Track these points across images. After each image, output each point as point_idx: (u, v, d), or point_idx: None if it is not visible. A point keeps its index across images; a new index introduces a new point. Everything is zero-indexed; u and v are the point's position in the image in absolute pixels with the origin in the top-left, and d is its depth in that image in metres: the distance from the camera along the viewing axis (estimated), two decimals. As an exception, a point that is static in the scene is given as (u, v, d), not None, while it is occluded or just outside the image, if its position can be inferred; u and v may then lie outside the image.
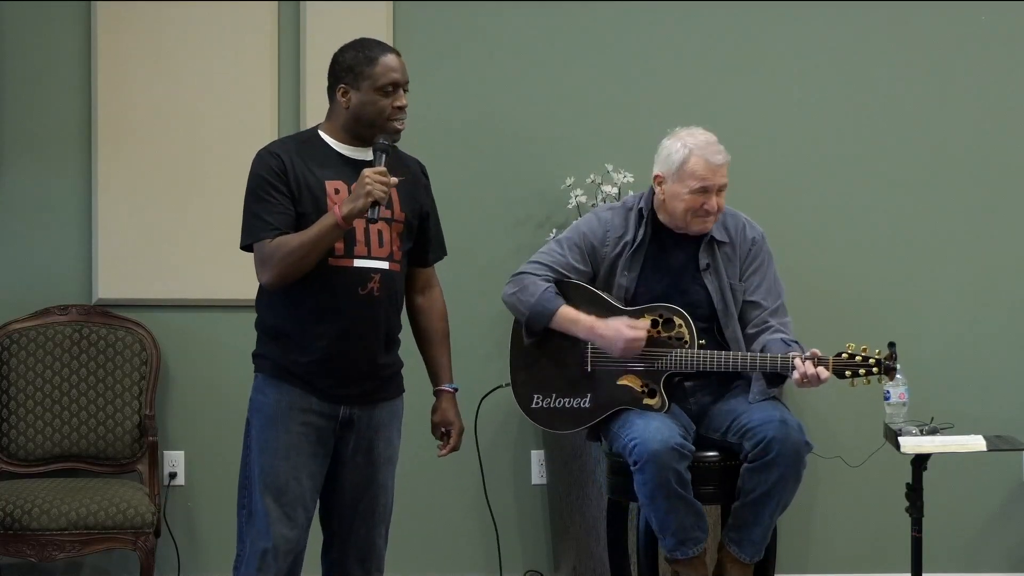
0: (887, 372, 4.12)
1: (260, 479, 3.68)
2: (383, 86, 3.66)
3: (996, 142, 5.45)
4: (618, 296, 4.30)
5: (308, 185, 3.65)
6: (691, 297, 4.28)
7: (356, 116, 3.68)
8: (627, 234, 4.31)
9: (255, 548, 3.68)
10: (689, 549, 4.15)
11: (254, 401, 3.74)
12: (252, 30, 5.31)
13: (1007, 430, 4.82)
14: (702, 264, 4.28)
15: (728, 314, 4.28)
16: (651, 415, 4.18)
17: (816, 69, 5.43)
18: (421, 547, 5.36)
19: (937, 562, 5.15)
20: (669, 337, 4.23)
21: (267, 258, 3.61)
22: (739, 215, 4.39)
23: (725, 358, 4.18)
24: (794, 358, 4.09)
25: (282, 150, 3.69)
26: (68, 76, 5.30)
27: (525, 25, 5.39)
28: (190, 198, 5.30)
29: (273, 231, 3.61)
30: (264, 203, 3.63)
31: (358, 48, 3.70)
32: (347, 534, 3.81)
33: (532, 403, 4.36)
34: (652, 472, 4.05)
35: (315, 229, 3.59)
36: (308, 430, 3.69)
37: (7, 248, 5.31)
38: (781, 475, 4.10)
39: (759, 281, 4.32)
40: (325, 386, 3.69)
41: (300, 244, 3.59)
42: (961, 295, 5.45)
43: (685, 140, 4.26)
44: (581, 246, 4.34)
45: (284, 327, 3.70)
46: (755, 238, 4.35)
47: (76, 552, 4.86)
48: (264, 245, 3.62)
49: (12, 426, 5.14)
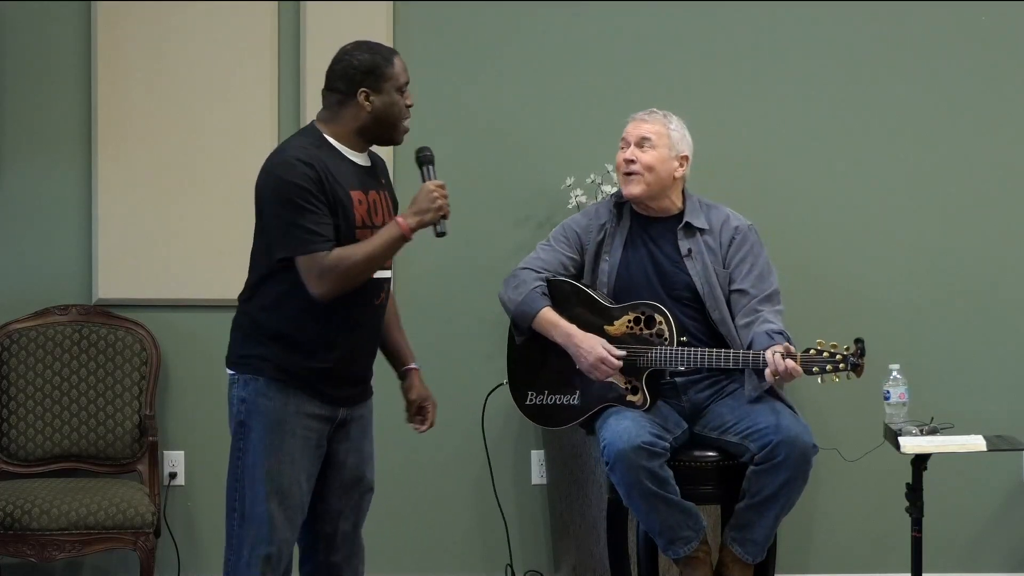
0: (853, 368, 4.13)
1: (265, 483, 3.65)
2: (401, 86, 3.68)
3: (997, 142, 5.45)
4: (602, 281, 4.36)
5: (338, 196, 3.61)
6: (674, 281, 4.33)
7: (380, 118, 3.66)
8: (608, 221, 4.42)
9: (255, 553, 3.66)
10: (679, 548, 4.16)
11: (254, 404, 3.69)
12: (252, 30, 5.31)
13: (1007, 430, 4.82)
14: (683, 250, 4.33)
15: (715, 297, 4.31)
16: (625, 414, 4.21)
17: (816, 69, 5.42)
18: (421, 547, 5.36)
19: (937, 562, 5.14)
20: (650, 334, 4.25)
21: (327, 271, 3.55)
22: (723, 208, 4.45)
23: (702, 355, 4.21)
24: (764, 354, 4.11)
25: (312, 159, 3.60)
26: (68, 76, 5.29)
27: (525, 25, 5.39)
28: (190, 198, 5.30)
29: (327, 243, 3.56)
30: (309, 213, 3.55)
31: (371, 50, 3.68)
32: (333, 535, 3.80)
33: (526, 400, 4.41)
34: (622, 472, 4.08)
35: (380, 241, 3.59)
36: (310, 434, 3.69)
37: (7, 248, 5.31)
38: (788, 477, 4.11)
39: (747, 269, 4.35)
40: (328, 390, 3.69)
41: (366, 256, 3.57)
42: (961, 295, 5.44)
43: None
44: (568, 237, 4.46)
45: (292, 332, 3.65)
46: (738, 226, 4.40)
47: (76, 552, 4.86)
48: (321, 258, 3.55)
49: (12, 426, 5.14)
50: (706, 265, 4.32)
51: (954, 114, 5.44)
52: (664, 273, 4.35)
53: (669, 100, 5.37)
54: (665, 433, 4.19)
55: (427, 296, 5.31)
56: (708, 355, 4.21)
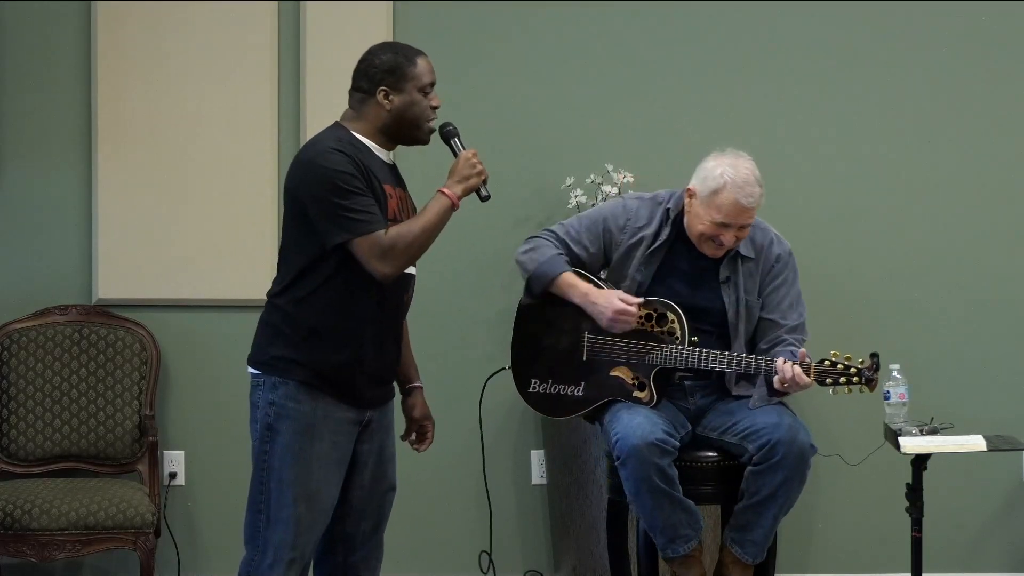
0: (867, 383, 4.11)
1: (293, 487, 3.64)
2: (424, 86, 3.69)
3: (997, 142, 5.45)
4: (630, 289, 4.28)
5: (374, 186, 3.64)
6: (706, 305, 4.26)
7: (399, 117, 3.68)
8: (648, 227, 4.30)
9: (280, 557, 3.64)
10: (679, 547, 4.15)
11: (284, 408, 3.66)
12: (252, 30, 5.31)
13: (1007, 430, 4.82)
14: (722, 276, 4.27)
15: (737, 331, 4.27)
16: (637, 410, 4.18)
17: (816, 70, 5.42)
18: (422, 547, 5.36)
19: (937, 562, 5.14)
20: (661, 332, 4.23)
21: (388, 249, 3.57)
22: (768, 229, 4.35)
23: (713, 356, 4.18)
24: (776, 361, 4.08)
25: (347, 149, 3.63)
26: (68, 76, 5.29)
27: (525, 25, 5.39)
28: (190, 198, 5.30)
29: (381, 223, 3.58)
30: (358, 196, 3.57)
31: (395, 51, 3.71)
32: (354, 536, 3.81)
33: (529, 387, 4.37)
34: (633, 467, 4.06)
35: (432, 213, 3.62)
36: (339, 439, 3.68)
37: (7, 248, 5.31)
38: (787, 477, 4.10)
39: (779, 299, 4.30)
40: (358, 392, 3.68)
41: (423, 229, 3.60)
42: (961, 295, 5.45)
43: (726, 169, 4.18)
44: (598, 229, 4.35)
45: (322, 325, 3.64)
46: (780, 255, 4.32)
47: (76, 552, 4.86)
48: (380, 237, 3.56)
49: (12, 426, 5.14)
50: (739, 294, 4.27)
51: (954, 114, 5.44)
52: (696, 296, 4.27)
53: (670, 100, 5.39)
54: (675, 431, 4.18)
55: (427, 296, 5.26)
56: (719, 358, 4.17)
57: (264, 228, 5.26)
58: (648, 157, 5.28)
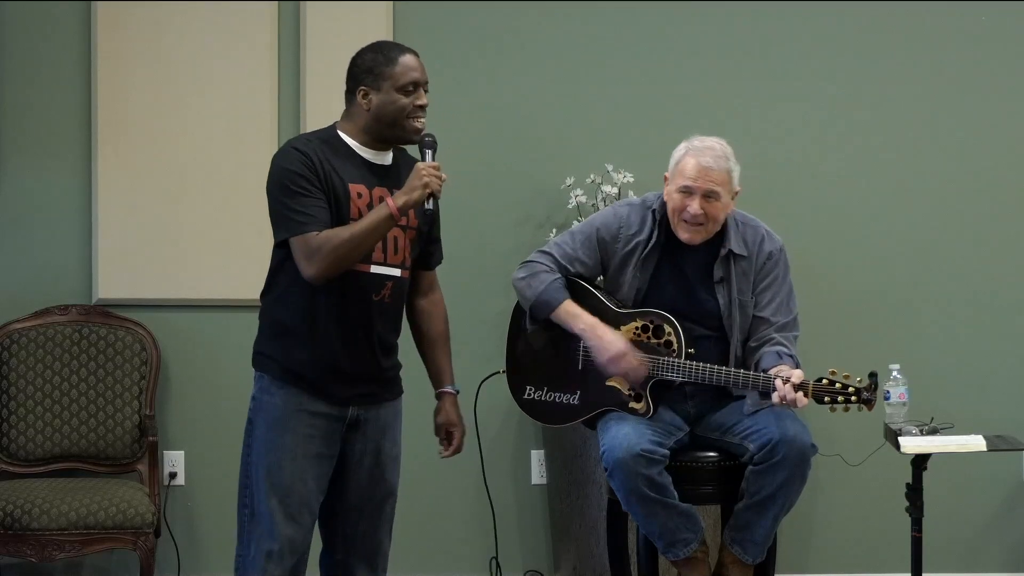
0: (865, 403, 4.10)
1: (266, 480, 3.68)
2: (403, 85, 3.67)
3: (997, 143, 5.45)
4: (628, 295, 4.28)
5: (333, 186, 3.65)
6: (702, 307, 4.26)
7: (377, 116, 3.68)
8: (641, 233, 4.29)
9: (260, 549, 3.68)
10: (679, 551, 4.15)
11: (259, 401, 3.73)
12: (252, 30, 5.31)
13: (1007, 430, 4.82)
14: (716, 276, 4.27)
15: (732, 331, 4.26)
16: (626, 420, 4.18)
17: (816, 70, 5.43)
18: (421, 547, 5.36)
19: (937, 562, 5.14)
20: (658, 344, 4.22)
21: (315, 251, 3.58)
22: (760, 226, 4.34)
23: (709, 371, 4.16)
24: (775, 380, 4.06)
25: (308, 148, 3.66)
26: (68, 76, 5.30)
27: (525, 25, 5.39)
28: (190, 198, 5.30)
29: (318, 224, 3.60)
30: (302, 197, 3.61)
31: (376, 50, 3.72)
32: (353, 535, 3.82)
33: (524, 394, 4.38)
34: (621, 479, 4.07)
35: (368, 220, 3.60)
36: (315, 432, 3.70)
37: (7, 248, 5.31)
38: (787, 477, 4.10)
39: (771, 297, 4.29)
40: (331, 388, 3.70)
41: (352, 236, 3.59)
42: (961, 295, 5.45)
43: (691, 142, 4.25)
44: (592, 241, 4.33)
45: (291, 324, 3.69)
46: (772, 252, 4.31)
47: (76, 552, 4.86)
48: (311, 238, 3.59)
49: (12, 426, 5.14)
50: (732, 294, 4.27)
51: (955, 115, 5.44)
52: (692, 298, 4.27)
53: (670, 100, 5.39)
54: (666, 439, 4.16)
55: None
56: (716, 372, 4.16)
57: (264, 228, 5.18)
58: (648, 157, 5.27)
